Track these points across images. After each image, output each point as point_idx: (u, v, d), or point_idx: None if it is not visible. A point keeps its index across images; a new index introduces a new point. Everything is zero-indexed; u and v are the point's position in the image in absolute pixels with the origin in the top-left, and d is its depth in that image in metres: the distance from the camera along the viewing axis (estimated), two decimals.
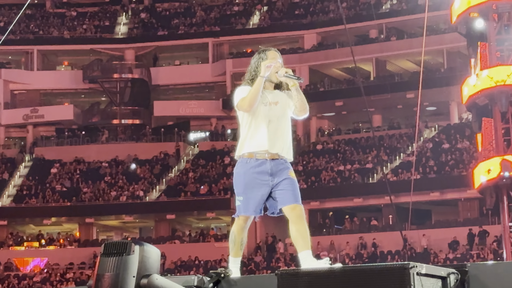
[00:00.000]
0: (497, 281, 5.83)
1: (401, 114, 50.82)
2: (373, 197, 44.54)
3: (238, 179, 7.19)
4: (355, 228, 45.65)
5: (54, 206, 48.86)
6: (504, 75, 28.32)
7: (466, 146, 44.68)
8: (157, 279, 6.25)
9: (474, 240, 40.28)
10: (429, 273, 5.51)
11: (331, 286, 5.50)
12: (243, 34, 57.00)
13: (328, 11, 55.24)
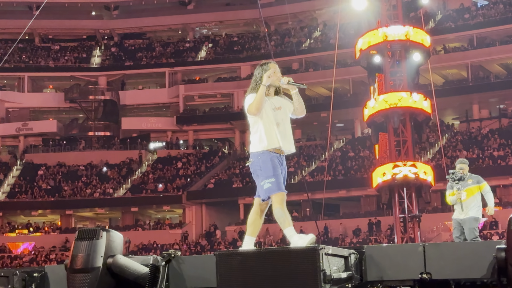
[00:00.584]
0: (386, 259, 5.89)
1: (317, 129, 51.12)
2: (294, 194, 44.46)
3: (266, 164, 6.92)
4: None
5: (41, 201, 48.59)
6: (396, 99, 28.62)
7: (366, 154, 45.11)
8: (120, 258, 6.21)
9: (373, 228, 40.66)
10: (334, 253, 5.55)
11: (258, 264, 5.50)
12: (193, 65, 57.00)
13: (260, 48, 55.45)
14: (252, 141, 7.09)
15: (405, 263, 5.84)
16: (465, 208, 11.45)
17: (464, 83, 48.69)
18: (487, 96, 47.89)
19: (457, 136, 46.94)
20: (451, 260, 5.74)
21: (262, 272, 5.44)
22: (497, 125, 47.40)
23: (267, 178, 6.87)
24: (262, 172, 6.92)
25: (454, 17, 51.21)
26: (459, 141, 45.80)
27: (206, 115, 54.88)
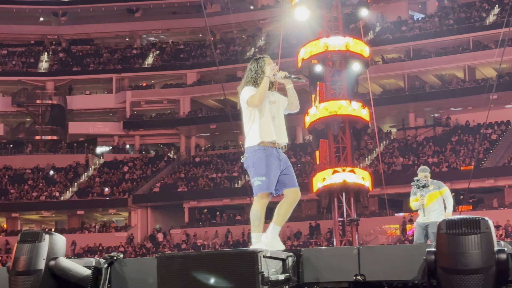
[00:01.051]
0: (323, 262, 5.93)
1: None
2: (238, 198, 44.73)
3: (259, 162, 6.68)
4: (224, 222, 45.74)
5: None
6: (336, 107, 28.84)
7: (308, 160, 45.41)
8: (62, 261, 6.12)
9: (313, 231, 40.92)
10: (273, 256, 5.56)
11: (199, 267, 5.48)
12: (139, 71, 56.67)
13: (205, 56, 55.38)
14: (248, 135, 6.88)
15: (340, 265, 5.89)
16: (427, 213, 11.75)
17: (401, 93, 49.40)
18: (423, 105, 48.68)
19: (394, 143, 47.59)
20: (384, 262, 5.81)
21: (201, 274, 5.42)
22: (432, 133, 48.24)
23: (258, 175, 6.67)
24: (255, 169, 6.70)
25: (392, 29, 51.96)
26: (395, 148, 46.44)
27: (152, 121, 54.59)
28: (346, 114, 28.79)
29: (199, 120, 52.78)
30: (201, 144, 54.46)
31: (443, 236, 5.29)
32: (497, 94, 41.67)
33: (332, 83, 29.80)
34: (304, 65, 29.93)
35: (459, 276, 5.20)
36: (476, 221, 5.29)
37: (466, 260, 5.18)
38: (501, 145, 43.73)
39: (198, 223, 46.41)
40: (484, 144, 43.45)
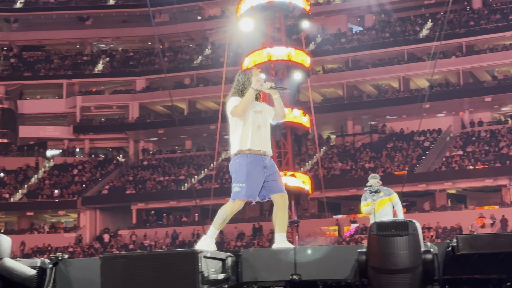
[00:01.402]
0: (261, 262, 5.94)
1: (206, 140, 51.05)
2: (184, 201, 44.55)
3: (240, 169, 6.61)
4: (170, 223, 45.48)
5: None
6: None
7: None
8: (7, 261, 6.00)
9: (256, 232, 40.97)
10: (213, 256, 5.54)
11: (141, 267, 5.42)
12: (90, 77, 56.00)
13: (154, 63, 55.04)
14: (232, 143, 6.80)
15: (277, 265, 5.90)
16: (378, 218, 12.00)
17: (340, 101, 49.90)
18: (360, 113, 49.25)
19: (333, 149, 48.02)
20: (319, 262, 5.85)
21: (144, 274, 5.37)
22: (369, 139, 48.82)
23: (238, 182, 6.61)
24: (236, 175, 6.66)
25: (332, 40, 52.49)
26: (335, 154, 46.86)
27: (102, 125, 53.99)
28: (287, 121, 28.93)
29: (147, 125, 52.41)
30: (149, 148, 54.09)
31: (373, 238, 5.35)
32: (429, 103, 42.44)
33: None
34: None
35: (388, 275, 5.26)
36: (404, 223, 5.36)
37: (394, 260, 5.24)
38: (433, 152, 44.52)
39: (146, 225, 46.06)
40: (417, 150, 44.16)
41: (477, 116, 46.95)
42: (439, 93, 45.59)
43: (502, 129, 44.34)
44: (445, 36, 43.23)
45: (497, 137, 43.43)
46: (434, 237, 35.02)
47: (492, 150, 41.98)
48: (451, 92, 46.36)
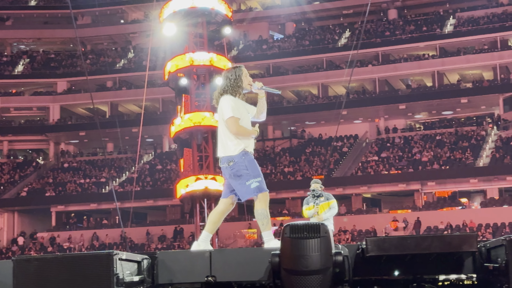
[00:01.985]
0: (176, 264, 5.92)
1: (128, 143, 50.47)
2: (105, 203, 43.94)
3: (252, 164, 6.54)
4: (91, 226, 44.73)
5: None
6: (200, 118, 28.97)
7: (173, 167, 45.24)
8: None
9: (177, 235, 40.73)
10: (128, 259, 5.48)
11: (56, 269, 5.32)
12: (10, 78, 54.49)
13: (76, 65, 54.05)
14: (229, 144, 6.62)
15: (193, 267, 5.89)
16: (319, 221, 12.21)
17: None
18: (280, 119, 49.59)
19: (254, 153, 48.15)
20: (234, 264, 5.87)
21: (58, 277, 5.27)
22: (288, 144, 49.27)
23: (254, 177, 6.47)
24: (249, 171, 6.50)
25: (254, 47, 52.79)
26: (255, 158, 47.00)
27: (21, 127, 52.59)
28: (209, 125, 28.95)
29: (68, 127, 51.39)
30: (70, 150, 53.05)
31: (286, 240, 5.40)
32: (346, 110, 43.23)
33: (197, 95, 29.91)
34: (170, 78, 29.91)
35: (300, 276, 5.32)
36: (316, 226, 5.43)
37: (306, 262, 5.30)
38: (350, 157, 45.28)
39: (65, 227, 45.13)
40: (334, 155, 44.82)
41: (391, 123, 48.04)
42: (356, 100, 46.43)
43: (415, 136, 45.52)
44: (362, 46, 44.15)
45: (410, 143, 44.54)
46: (350, 240, 35.61)
47: (406, 156, 43.02)
48: (367, 99, 47.28)
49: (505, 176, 39.11)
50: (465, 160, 40.86)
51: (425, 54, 48.49)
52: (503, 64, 46.40)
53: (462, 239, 5.45)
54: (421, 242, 5.50)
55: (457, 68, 47.11)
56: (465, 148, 42.04)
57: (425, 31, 49.13)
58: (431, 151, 42.48)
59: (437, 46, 48.32)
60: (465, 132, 44.38)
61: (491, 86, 45.29)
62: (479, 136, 43.34)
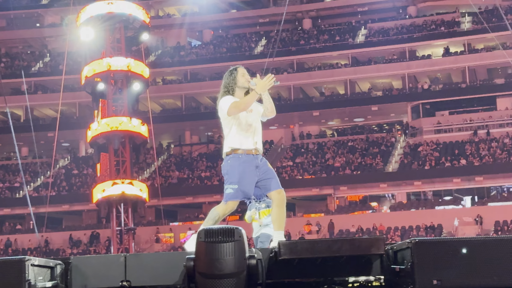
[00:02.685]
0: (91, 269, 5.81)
1: (44, 148, 49.26)
2: (19, 208, 42.73)
3: (232, 170, 6.39)
4: (5, 231, 43.36)
5: None
6: (117, 123, 28.58)
7: (90, 172, 44.42)
8: None
9: (93, 240, 40.01)
10: (40, 264, 5.35)
11: None
12: None
13: None
14: (224, 143, 6.59)
15: (107, 272, 5.79)
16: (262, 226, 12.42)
17: (178, 112, 49.94)
18: (198, 124, 49.54)
19: (171, 158, 47.94)
20: (149, 268, 5.81)
21: None
22: (206, 149, 49.21)
23: (230, 183, 6.44)
24: (228, 176, 6.47)
25: (172, 53, 52.54)
26: (172, 163, 46.80)
27: None
28: (126, 130, 28.63)
29: None
30: None
31: (201, 244, 5.38)
32: None
33: (114, 100, 29.51)
34: (87, 82, 29.41)
35: (215, 280, 5.31)
36: (231, 230, 5.44)
37: (221, 265, 5.30)
38: None
39: None
40: None
41: (306, 129, 48.71)
42: None
43: (328, 142, 46.28)
44: (277, 54, 44.58)
45: (324, 149, 45.25)
46: None
47: (319, 161, 43.66)
48: (282, 106, 47.66)
49: (412, 181, 40.24)
50: (376, 165, 41.82)
51: (338, 63, 49.40)
52: (411, 74, 47.79)
53: (371, 242, 5.56)
54: (331, 245, 5.58)
55: (368, 77, 48.23)
56: (375, 154, 43.03)
57: (338, 41, 50.06)
58: (343, 157, 43.27)
59: (349, 55, 49.31)
60: (376, 139, 45.44)
61: (400, 94, 46.57)
62: (388, 143, 44.45)
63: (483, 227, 34.69)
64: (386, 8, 52.63)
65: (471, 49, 47.22)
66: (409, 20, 51.06)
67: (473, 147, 41.31)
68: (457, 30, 48.50)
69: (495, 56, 43.92)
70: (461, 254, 5.15)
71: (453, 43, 48.24)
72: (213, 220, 6.54)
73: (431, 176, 39.98)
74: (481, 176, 38.99)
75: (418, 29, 49.21)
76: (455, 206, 38.42)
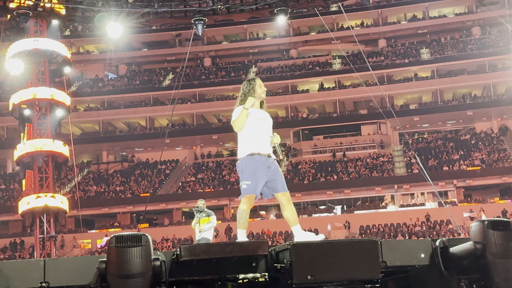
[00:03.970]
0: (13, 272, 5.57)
1: None
2: None
3: (247, 168, 6.14)
4: None
5: None
6: (41, 144, 27.55)
7: (16, 187, 42.52)
8: None
9: (18, 246, 38.18)
10: None
11: None
12: None
13: None
14: (239, 147, 6.31)
15: (28, 274, 5.58)
16: (202, 231, 12.92)
17: (96, 135, 48.76)
18: (114, 145, 48.57)
19: (90, 174, 46.65)
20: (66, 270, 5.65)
21: None
22: (120, 167, 48.21)
23: (245, 180, 6.18)
24: (242, 174, 6.22)
25: (91, 84, 51.34)
26: (91, 178, 45.54)
27: None
28: (49, 150, 27.65)
29: None
30: None
31: (112, 249, 5.27)
32: (169, 139, 43.24)
33: (39, 124, 28.44)
34: (14, 108, 28.27)
35: (124, 280, 5.20)
36: (139, 237, 5.35)
37: (129, 266, 5.21)
38: (172, 178, 45.18)
39: None
40: (159, 176, 44.51)
41: (206, 150, 48.67)
42: (178, 131, 46.57)
43: (225, 161, 46.40)
44: (182, 86, 44.58)
45: (221, 167, 45.31)
46: (170, 247, 35.36)
47: (217, 177, 43.67)
48: (187, 130, 47.59)
49: (294, 193, 40.75)
50: None
51: (233, 95, 49.75)
52: (293, 105, 48.78)
53: (257, 245, 5.62)
54: (224, 247, 5.60)
55: None
56: None
57: (233, 77, 50.49)
58: (237, 173, 43.33)
59: None
60: None
61: (284, 121, 47.38)
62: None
63: (351, 231, 35.64)
64: (272, 51, 53.64)
65: (340, 85, 48.78)
66: (291, 60, 52.20)
67: (343, 165, 42.52)
68: (330, 69, 50.00)
69: (359, 91, 45.56)
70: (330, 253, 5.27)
71: (326, 80, 49.69)
72: (242, 218, 6.23)
73: (309, 189, 40.80)
74: (349, 189, 40.15)
75: (298, 68, 50.37)
76: (328, 214, 39.30)
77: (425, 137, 46.96)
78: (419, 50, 49.74)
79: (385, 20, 51.48)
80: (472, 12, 49.79)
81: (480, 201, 37.62)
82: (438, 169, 39.63)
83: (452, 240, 5.82)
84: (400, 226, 34.47)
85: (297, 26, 52.06)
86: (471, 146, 42.14)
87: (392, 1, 51.50)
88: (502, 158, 39.78)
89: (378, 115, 44.23)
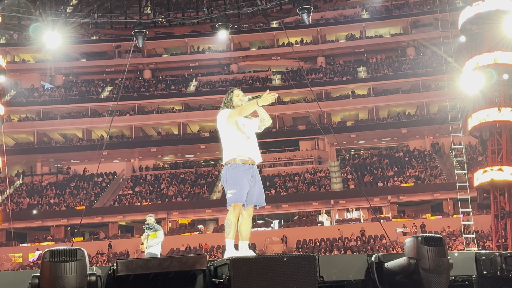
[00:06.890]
0: None
1: None
2: None
3: (231, 177, 6.02)
4: None
5: None
6: None
7: None
8: None
9: None
10: None
11: None
12: None
13: None
14: (224, 153, 6.13)
15: None
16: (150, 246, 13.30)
17: (31, 146, 47.41)
18: (48, 157, 47.34)
19: (23, 186, 45.24)
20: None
21: None
22: (55, 179, 47.00)
23: (230, 189, 6.07)
24: (227, 183, 6.10)
25: (26, 94, 49.96)
26: (24, 190, 44.17)
27: None
28: None
29: None
30: None
31: (46, 264, 5.10)
32: (107, 151, 42.42)
33: None
34: None
35: None
36: (74, 251, 5.20)
37: (63, 282, 5.05)
38: (109, 190, 44.35)
39: None
40: (96, 189, 43.62)
41: (144, 163, 48.05)
42: (116, 143, 45.84)
43: (163, 174, 45.94)
44: (121, 98, 43.97)
45: (159, 180, 44.83)
46: (106, 261, 34.63)
47: (155, 190, 43.16)
48: (125, 143, 46.90)
49: None
50: (202, 194, 42.06)
51: (173, 108, 49.46)
52: None
53: (195, 260, 5.56)
54: (162, 262, 5.51)
55: (198, 120, 48.71)
56: (202, 184, 43.30)
57: (173, 90, 50.23)
58: (176, 187, 43.15)
59: (182, 102, 49.59)
60: (203, 172, 45.78)
61: None
62: (213, 176, 44.93)
63: (288, 245, 35.87)
64: (213, 65, 53.69)
65: (280, 101, 49.26)
66: (231, 75, 52.40)
67: (281, 180, 42.84)
68: (269, 85, 50.45)
69: (298, 107, 46.13)
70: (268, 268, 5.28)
71: None
72: (229, 227, 6.19)
73: None
74: (286, 204, 40.45)
75: (238, 83, 50.58)
76: (266, 228, 39.43)
77: (361, 153, 47.93)
78: (356, 68, 50.89)
79: (324, 38, 52.44)
80: (407, 33, 51.38)
81: (412, 216, 38.63)
82: (373, 185, 40.49)
83: (387, 255, 5.94)
84: (336, 240, 34.95)
85: (238, 41, 52.35)
86: (405, 163, 43.29)
87: (331, 20, 52.59)
88: (434, 175, 41.04)
89: (316, 131, 44.87)
